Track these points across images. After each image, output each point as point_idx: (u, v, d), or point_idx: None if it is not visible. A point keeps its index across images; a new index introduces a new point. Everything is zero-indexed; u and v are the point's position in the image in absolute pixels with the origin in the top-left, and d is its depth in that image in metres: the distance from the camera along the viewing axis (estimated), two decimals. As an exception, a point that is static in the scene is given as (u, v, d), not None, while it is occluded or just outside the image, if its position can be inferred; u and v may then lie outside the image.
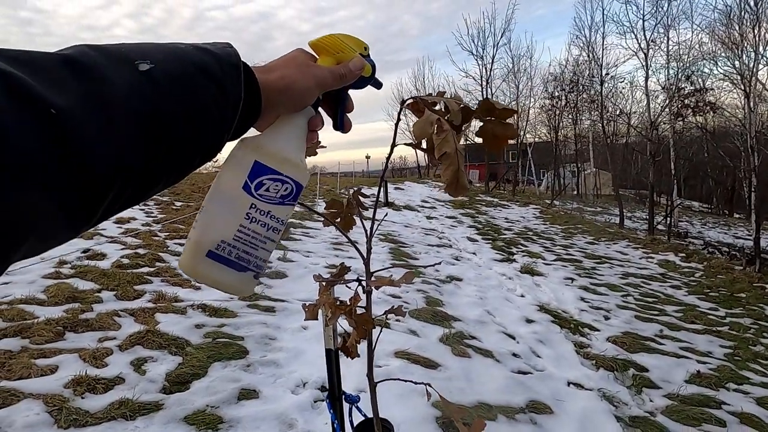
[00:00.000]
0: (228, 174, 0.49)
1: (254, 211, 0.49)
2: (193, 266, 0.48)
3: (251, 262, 0.50)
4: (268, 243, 0.51)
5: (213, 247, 0.48)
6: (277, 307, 3.68)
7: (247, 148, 0.49)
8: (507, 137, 0.63)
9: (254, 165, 0.48)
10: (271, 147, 0.49)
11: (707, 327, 4.57)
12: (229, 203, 0.48)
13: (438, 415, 2.33)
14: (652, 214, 12.51)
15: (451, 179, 0.57)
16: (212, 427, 2.09)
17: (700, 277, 6.90)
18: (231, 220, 0.48)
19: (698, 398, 3.00)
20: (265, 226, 0.50)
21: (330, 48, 0.53)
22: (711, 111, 13.90)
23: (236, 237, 0.48)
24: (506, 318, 4.19)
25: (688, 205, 25.93)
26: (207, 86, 0.38)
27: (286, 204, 0.51)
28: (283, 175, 0.49)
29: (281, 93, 0.46)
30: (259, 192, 0.48)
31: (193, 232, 0.49)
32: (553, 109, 21.72)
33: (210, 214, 0.49)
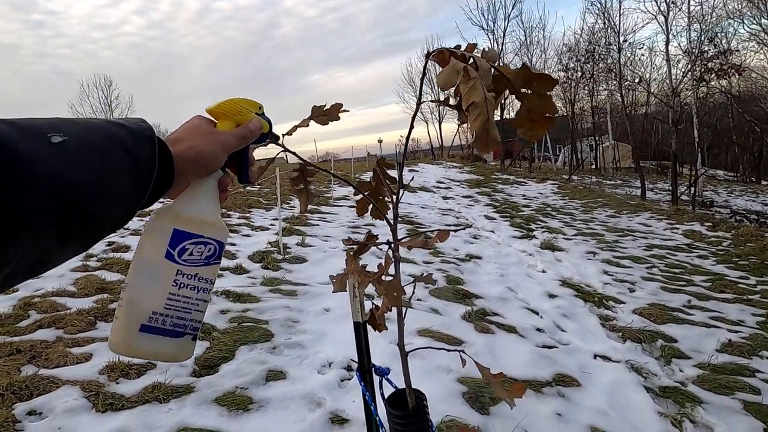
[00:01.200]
0: (148, 245, 0.50)
1: (181, 276, 0.50)
2: (128, 344, 0.48)
3: (187, 326, 0.51)
4: (201, 304, 0.52)
5: (145, 321, 0.48)
6: (299, 291, 3.72)
7: (165, 218, 0.51)
8: (546, 119, 0.58)
9: (174, 233, 0.50)
10: (187, 213, 0.51)
11: (737, 296, 4.44)
12: (154, 274, 0.49)
13: (464, 391, 2.33)
14: (675, 184, 12.14)
15: (481, 131, 0.53)
16: (242, 408, 2.13)
17: (729, 246, 6.69)
18: (159, 290, 0.49)
19: (730, 367, 2.92)
20: (195, 288, 0.51)
21: (228, 112, 0.56)
22: (736, 74, 13.27)
23: (167, 305, 0.49)
24: (528, 294, 4.15)
25: (713, 174, 25.10)
26: (121, 157, 0.40)
27: (212, 264, 0.53)
28: (205, 237, 0.51)
29: (192, 162, 0.49)
30: (183, 257, 0.50)
31: (121, 310, 0.49)
32: (569, 81, 21.07)
33: (136, 288, 0.49)
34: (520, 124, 0.59)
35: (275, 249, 4.87)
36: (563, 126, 24.38)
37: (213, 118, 0.56)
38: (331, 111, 0.72)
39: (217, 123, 0.55)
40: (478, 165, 18.90)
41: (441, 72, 0.53)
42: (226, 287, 3.62)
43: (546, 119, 0.58)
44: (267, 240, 5.28)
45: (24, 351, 2.49)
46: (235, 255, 4.70)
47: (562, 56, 21.23)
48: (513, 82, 0.57)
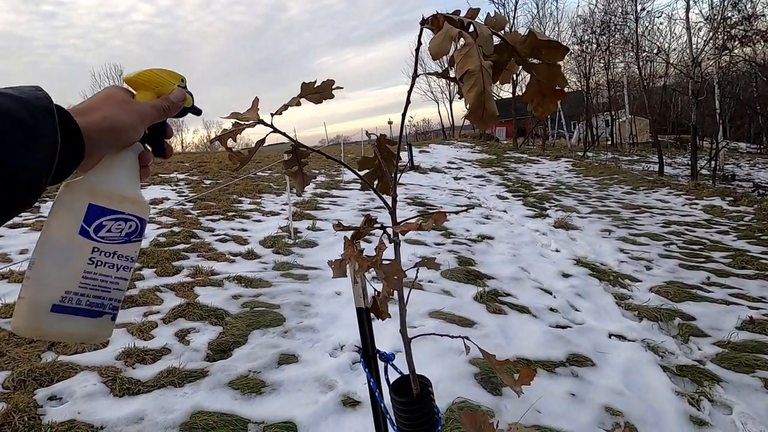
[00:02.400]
0: (59, 221, 0.46)
1: (98, 254, 0.47)
2: (37, 325, 0.45)
3: (106, 305, 0.48)
4: (121, 282, 0.50)
5: (57, 300, 0.45)
6: (310, 275, 3.73)
7: (78, 192, 0.47)
8: (556, 92, 0.53)
9: (89, 209, 0.47)
10: (105, 187, 0.48)
11: (759, 271, 4.31)
12: (65, 252, 0.46)
13: (476, 372, 2.32)
14: (695, 158, 11.77)
15: (476, 103, 0.48)
16: (256, 391, 2.16)
17: (751, 221, 6.49)
18: (72, 269, 0.46)
19: (751, 344, 2.85)
20: (114, 266, 0.48)
21: (148, 83, 0.52)
22: (762, 40, 12.66)
23: (83, 284, 0.46)
24: (541, 274, 4.10)
25: (734, 147, 24.27)
26: (12, 132, 0.36)
27: (133, 241, 0.50)
28: (125, 213, 0.48)
29: (105, 133, 0.46)
30: (100, 234, 0.47)
31: (27, 290, 0.45)
32: (583, 54, 20.43)
33: (44, 267, 0.45)
34: (530, 98, 0.54)
35: (286, 234, 4.88)
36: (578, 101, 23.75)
37: (132, 88, 0.52)
38: (322, 88, 0.68)
39: (136, 94, 0.52)
40: (491, 144, 18.60)
41: (433, 38, 0.48)
42: (238, 272, 3.65)
43: (556, 92, 0.53)
44: (278, 225, 5.30)
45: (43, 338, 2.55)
46: (246, 240, 4.73)
47: (577, 28, 20.54)
48: (519, 50, 0.52)
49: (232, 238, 4.79)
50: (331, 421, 1.97)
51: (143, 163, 0.53)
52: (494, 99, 0.49)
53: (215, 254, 4.22)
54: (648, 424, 2.07)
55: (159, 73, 0.53)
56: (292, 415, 1.98)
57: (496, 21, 0.49)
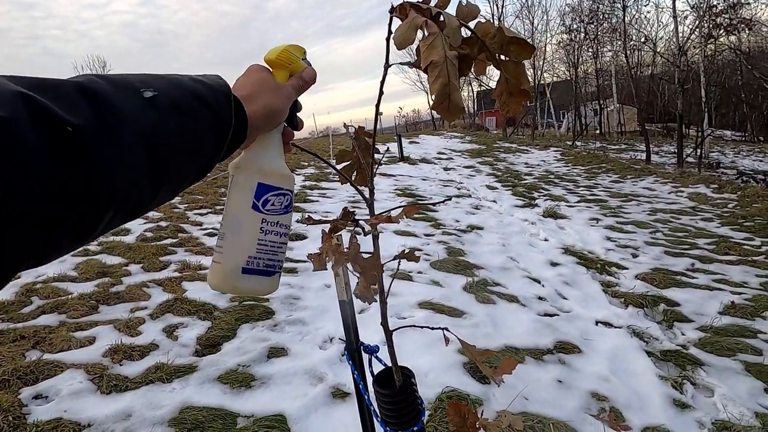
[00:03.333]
0: (237, 198, 0.55)
1: (266, 224, 0.56)
2: (233, 284, 0.55)
3: (276, 265, 0.58)
4: (283, 247, 0.59)
5: (245, 264, 0.55)
6: (299, 268, 3.72)
7: (249, 172, 0.55)
8: (521, 93, 0.52)
9: (258, 186, 0.55)
10: (269, 167, 0.56)
11: (742, 257, 4.40)
12: (244, 224, 0.55)
13: (465, 361, 2.34)
14: (681, 146, 11.91)
15: (440, 95, 0.47)
16: (245, 385, 2.15)
17: (734, 208, 6.61)
18: (250, 237, 0.55)
19: (733, 329, 2.92)
20: (278, 234, 0.57)
21: (284, 62, 0.58)
22: (747, 29, 12.78)
23: (259, 249, 0.55)
24: (530, 263, 4.13)
25: (720, 135, 24.61)
26: (203, 112, 0.43)
27: (289, 212, 0.59)
28: (284, 189, 0.57)
29: (265, 119, 0.52)
30: (267, 207, 0.55)
31: (221, 257, 0.55)
32: (572, 43, 20.46)
33: (231, 237, 0.55)
34: (499, 95, 0.53)
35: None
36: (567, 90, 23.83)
37: (269, 67, 0.57)
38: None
39: (273, 72, 0.57)
40: (480, 134, 18.61)
41: (398, 27, 0.47)
42: (226, 267, 3.63)
43: (521, 93, 0.52)
44: (267, 218, 5.26)
45: (28, 337, 2.51)
46: (235, 234, 4.69)
47: (565, 17, 20.51)
48: (488, 45, 0.51)
49: (220, 232, 4.74)
50: (320, 413, 1.97)
51: (286, 140, 0.59)
52: (486, 89, 0.49)
53: (203, 249, 4.18)
54: (633, 408, 2.11)
55: (291, 50, 0.58)
56: (282, 408, 1.98)
57: (468, 11, 0.48)
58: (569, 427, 1.92)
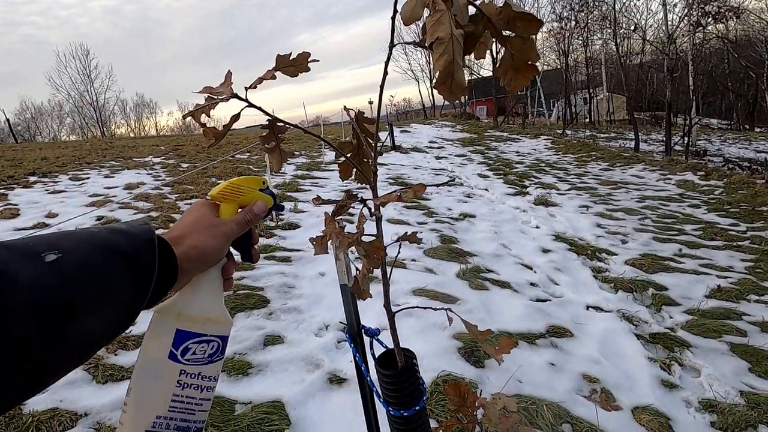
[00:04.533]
0: (151, 346, 0.49)
1: (185, 376, 0.48)
2: None
3: (191, 428, 0.49)
4: (204, 403, 0.51)
5: (149, 427, 0.47)
6: (294, 257, 3.72)
7: (167, 317, 0.49)
8: (529, 67, 0.52)
9: (176, 333, 0.48)
10: (190, 311, 0.50)
11: (727, 243, 4.50)
12: (158, 375, 0.48)
13: (460, 346, 2.37)
14: (669, 134, 12.05)
15: (444, 73, 0.47)
16: (242, 372, 2.16)
17: (720, 194, 6.73)
18: (163, 392, 0.48)
19: (718, 311, 3.00)
20: (198, 388, 0.50)
21: (230, 195, 0.55)
22: (734, 17, 12.88)
23: (171, 407, 0.48)
24: (522, 250, 4.18)
25: (706, 123, 24.93)
26: (118, 266, 0.41)
27: (215, 361, 0.51)
28: (207, 335, 0.50)
29: (196, 260, 0.49)
30: (186, 357, 0.48)
31: (126, 417, 0.48)
32: (562, 32, 20.43)
33: (139, 393, 0.48)
34: (504, 72, 0.53)
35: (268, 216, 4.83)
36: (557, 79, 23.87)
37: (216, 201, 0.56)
38: (298, 61, 0.66)
39: (220, 206, 0.55)
40: (471, 123, 18.61)
41: (405, 3, 0.46)
42: (219, 256, 3.61)
43: (529, 67, 0.52)
44: (259, 207, 5.23)
45: (20, 328, 2.49)
46: (227, 224, 4.66)
47: (556, 5, 20.46)
48: (494, 22, 0.51)
49: (212, 222, 4.71)
50: (318, 398, 1.99)
51: (226, 275, 0.56)
52: (478, 77, 0.49)
53: (195, 239, 4.15)
54: (623, 389, 2.17)
55: (240, 183, 0.56)
56: (280, 394, 2.00)
57: (475, -14, 0.48)
58: (561, 408, 1.96)
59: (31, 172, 7.32)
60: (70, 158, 9.21)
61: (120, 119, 35.66)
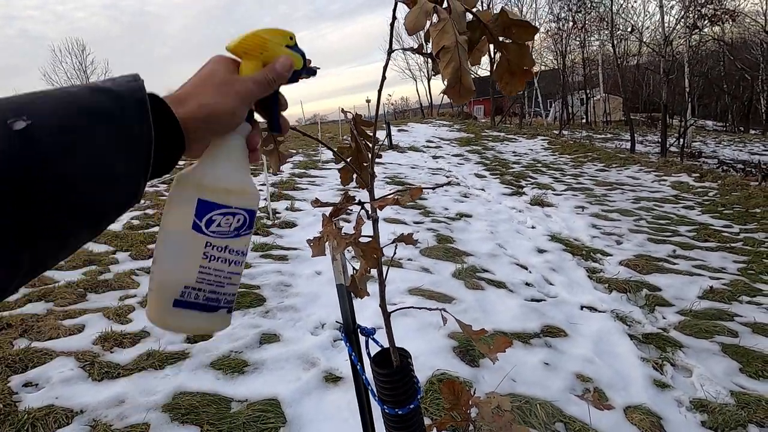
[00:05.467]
0: (174, 216, 0.46)
1: (211, 249, 0.46)
2: (163, 318, 0.46)
3: (221, 300, 0.48)
4: (233, 277, 0.49)
5: (178, 296, 0.46)
6: (290, 256, 3.73)
7: (186, 186, 0.46)
8: (525, 72, 0.54)
9: (198, 204, 0.45)
10: (210, 181, 0.46)
11: (721, 244, 4.55)
12: (182, 247, 0.46)
13: (455, 345, 2.39)
14: (665, 135, 12.13)
15: (453, 79, 0.49)
16: (238, 370, 2.17)
17: (714, 196, 6.79)
18: (190, 263, 0.46)
19: (711, 312, 3.03)
20: (226, 261, 0.47)
21: (251, 49, 0.47)
22: (730, 19, 12.97)
23: (199, 279, 0.46)
24: (518, 250, 4.20)
25: (702, 125, 25.08)
26: (103, 132, 0.34)
27: (242, 235, 0.48)
28: (232, 207, 0.47)
29: (203, 122, 0.43)
30: (211, 229, 0.46)
31: (153, 283, 0.46)
32: (560, 32, 20.50)
33: (165, 260, 0.46)
34: (500, 77, 0.55)
35: (264, 214, 4.83)
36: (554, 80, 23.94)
37: (236, 56, 0.48)
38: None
39: (241, 63, 0.48)
40: (469, 123, 18.64)
41: (409, 13, 0.48)
42: (216, 254, 3.61)
43: (524, 72, 0.54)
44: (256, 206, 5.23)
45: (15, 325, 2.48)
46: (224, 222, 4.66)
47: (554, 5, 20.51)
48: (491, 28, 0.52)
49: (208, 220, 4.71)
50: (314, 396, 2.01)
51: (251, 148, 0.49)
52: (472, 76, 0.50)
53: (192, 236, 4.15)
54: (616, 388, 2.19)
55: (263, 35, 0.48)
56: (276, 392, 2.01)
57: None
58: (555, 407, 1.98)
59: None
60: (65, 154, 9.15)
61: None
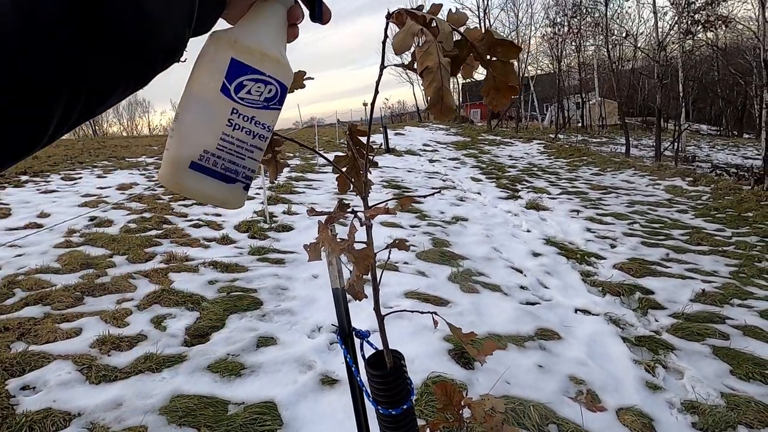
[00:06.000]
0: (202, 75, 0.43)
1: (236, 116, 0.44)
2: (176, 180, 0.44)
3: (239, 172, 0.46)
4: (255, 152, 0.46)
5: (196, 158, 0.43)
6: (287, 259, 3.75)
7: (221, 43, 0.43)
8: (509, 89, 0.57)
9: (231, 63, 0.42)
10: (248, 41, 0.43)
11: (713, 248, 4.60)
12: (207, 109, 0.43)
13: (450, 348, 2.42)
14: (659, 140, 12.24)
15: (434, 98, 0.52)
16: (235, 373, 2.19)
17: (707, 200, 6.86)
18: (212, 128, 0.43)
19: (703, 315, 3.07)
20: (251, 133, 0.45)
21: None
22: (723, 25, 13.13)
23: (220, 146, 0.44)
24: (513, 253, 4.24)
25: (696, 129, 25.31)
26: None
27: (271, 108, 0.46)
28: (265, 74, 0.44)
29: None
30: (240, 95, 0.43)
31: (171, 143, 0.44)
32: (556, 37, 20.67)
33: (187, 122, 0.43)
34: (486, 92, 0.58)
35: (261, 218, 4.85)
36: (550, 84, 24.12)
37: None
38: (293, 78, 0.69)
39: None
40: (465, 126, 18.73)
41: (396, 34, 0.51)
42: (213, 258, 3.63)
43: (509, 88, 0.57)
44: (253, 209, 5.25)
45: (12, 329, 2.49)
46: (221, 225, 4.68)
47: (549, 11, 20.71)
48: (477, 47, 0.55)
49: (205, 224, 4.72)
50: (310, 399, 2.03)
51: (292, 21, 0.47)
52: (472, 81, 0.53)
53: (189, 240, 4.16)
54: (608, 390, 2.23)
55: None
56: (272, 395, 2.03)
57: (457, 17, 0.53)
58: (548, 409, 2.01)
59: (23, 171, 7.27)
60: (61, 157, 9.15)
61: (112, 117, 35.38)
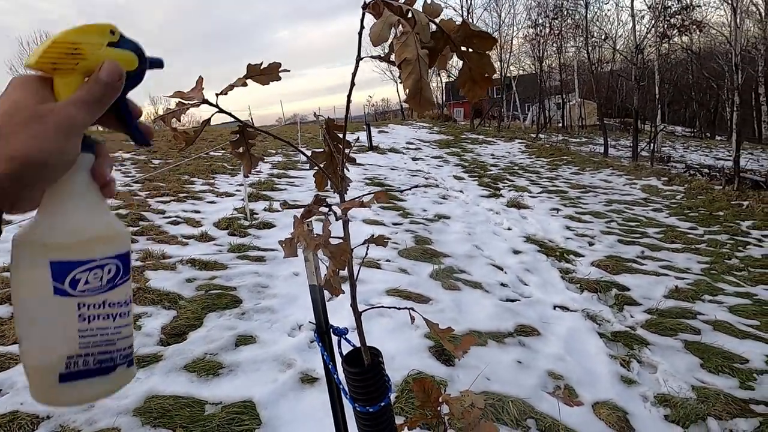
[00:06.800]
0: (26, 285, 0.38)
1: (86, 309, 0.39)
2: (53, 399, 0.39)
3: (115, 357, 0.41)
4: (124, 330, 0.42)
5: (63, 369, 0.38)
6: (267, 257, 3.70)
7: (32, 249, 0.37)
8: (485, 80, 0.56)
9: (52, 267, 0.37)
10: (58, 237, 0.37)
11: (686, 245, 4.74)
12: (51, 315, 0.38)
13: (431, 345, 2.42)
14: (636, 141, 12.54)
15: (413, 90, 0.51)
16: (213, 373, 2.15)
17: (681, 199, 7.06)
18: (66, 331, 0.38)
19: (675, 311, 3.16)
20: (109, 316, 0.40)
21: (62, 62, 0.36)
22: (697, 29, 13.53)
23: (83, 345, 0.39)
24: (494, 251, 4.28)
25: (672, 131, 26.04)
26: None
27: (119, 285, 0.41)
28: (96, 259, 0.39)
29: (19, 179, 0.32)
30: (79, 288, 0.38)
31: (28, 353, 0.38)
32: (537, 38, 20.96)
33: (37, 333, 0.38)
34: (463, 83, 0.57)
35: (242, 215, 4.78)
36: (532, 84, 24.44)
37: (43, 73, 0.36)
38: (269, 70, 0.68)
39: (54, 81, 0.36)
40: (449, 125, 18.83)
41: (373, 25, 0.50)
42: (191, 255, 3.55)
43: (485, 80, 0.56)
44: (233, 206, 5.17)
45: (-23, 329, 2.39)
46: (199, 222, 4.59)
47: (531, 11, 20.97)
48: (453, 39, 0.55)
49: (184, 221, 4.62)
50: (290, 397, 2.00)
51: (101, 180, 0.39)
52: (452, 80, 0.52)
53: (166, 237, 4.07)
54: (585, 384, 2.27)
55: (73, 38, 0.36)
56: (251, 394, 2.00)
57: (433, 8, 0.52)
58: (527, 404, 2.04)
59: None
60: (33, 152, 8.82)
61: (87, 112, 34.22)
